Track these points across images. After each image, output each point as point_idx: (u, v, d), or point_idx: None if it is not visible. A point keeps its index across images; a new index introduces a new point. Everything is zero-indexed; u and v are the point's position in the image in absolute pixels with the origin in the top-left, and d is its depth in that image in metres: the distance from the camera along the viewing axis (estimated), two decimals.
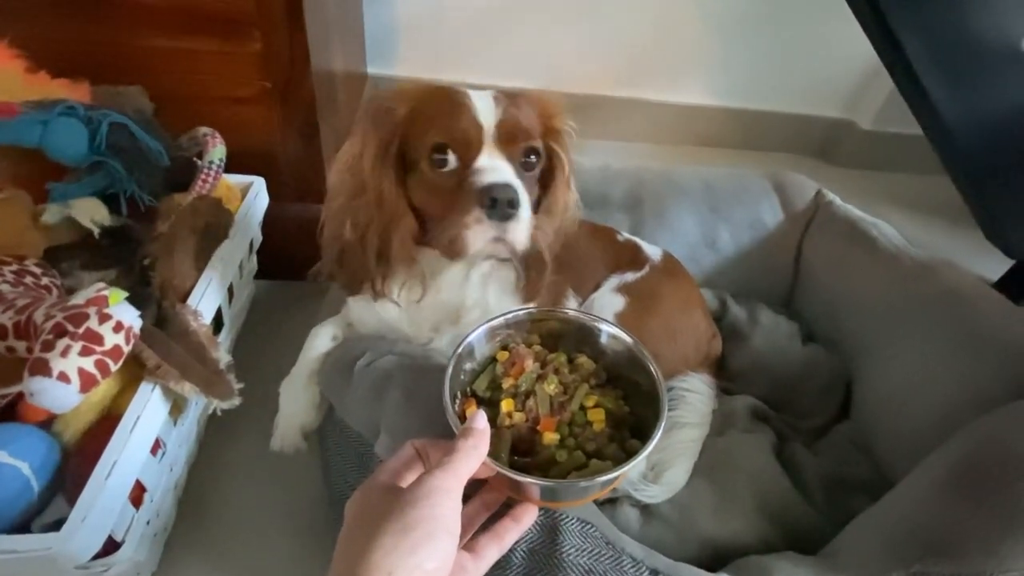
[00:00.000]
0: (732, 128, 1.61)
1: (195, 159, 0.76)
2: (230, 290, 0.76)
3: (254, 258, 0.90)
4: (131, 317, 0.49)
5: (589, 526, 0.50)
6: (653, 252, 0.86)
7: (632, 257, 0.84)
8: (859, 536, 0.59)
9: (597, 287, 0.81)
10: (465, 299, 0.62)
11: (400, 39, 1.45)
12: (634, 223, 0.98)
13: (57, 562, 0.45)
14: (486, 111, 0.53)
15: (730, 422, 0.75)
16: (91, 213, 0.62)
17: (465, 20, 1.41)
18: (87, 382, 0.44)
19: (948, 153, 0.95)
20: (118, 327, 0.47)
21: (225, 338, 0.77)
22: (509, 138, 0.53)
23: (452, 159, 0.52)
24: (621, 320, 0.76)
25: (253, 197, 0.83)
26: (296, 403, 0.64)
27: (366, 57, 1.41)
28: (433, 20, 1.41)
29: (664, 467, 0.68)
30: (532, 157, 0.55)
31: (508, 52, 1.46)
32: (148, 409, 0.52)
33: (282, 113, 0.86)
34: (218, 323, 0.73)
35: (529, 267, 0.61)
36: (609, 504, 0.65)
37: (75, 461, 0.52)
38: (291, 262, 1.00)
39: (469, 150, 0.52)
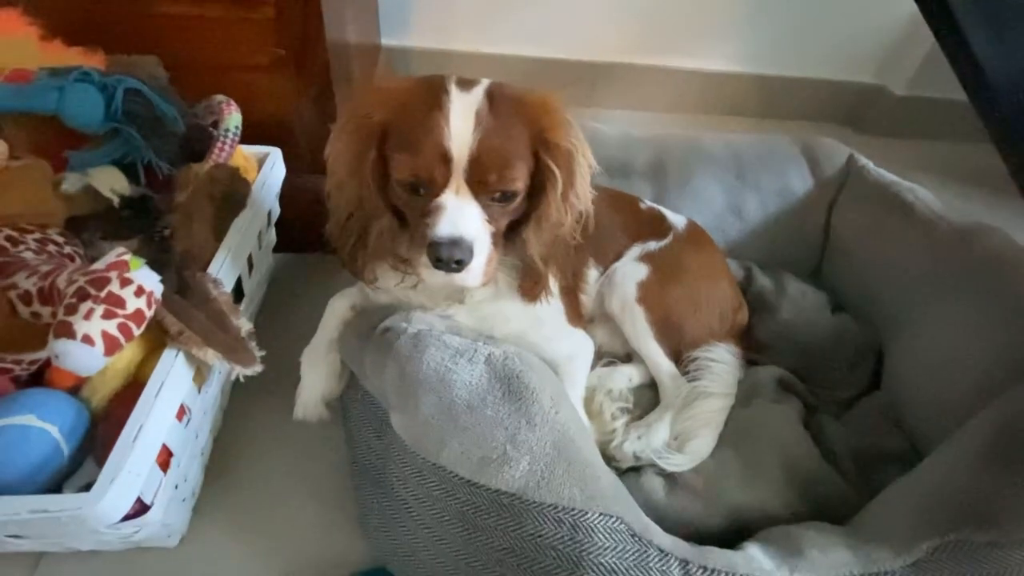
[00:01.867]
0: (758, 96, 1.56)
1: (210, 128, 0.75)
2: (249, 261, 0.76)
3: (272, 230, 0.90)
4: (152, 282, 0.48)
5: (613, 519, 0.47)
6: (677, 220, 0.84)
7: (655, 226, 0.82)
8: (890, 506, 0.57)
9: (619, 256, 0.79)
10: None
11: (413, 8, 1.41)
12: (657, 191, 0.95)
13: (88, 522, 0.45)
14: (461, 137, 0.49)
15: (756, 393, 0.74)
16: (110, 182, 0.62)
17: None
18: (111, 345, 0.44)
19: (991, 113, 0.90)
20: (139, 291, 0.47)
21: (245, 309, 0.77)
22: (479, 178, 0.50)
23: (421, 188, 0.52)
24: (644, 289, 0.75)
25: (270, 168, 0.82)
26: (317, 372, 0.64)
27: (379, 27, 1.38)
28: None
29: (688, 437, 0.67)
30: (508, 195, 0.52)
31: (524, 20, 1.42)
32: (172, 375, 0.53)
33: (297, 81, 0.85)
34: (238, 294, 0.73)
35: (525, 270, 0.59)
36: (633, 472, 0.65)
37: (103, 426, 0.53)
38: (308, 234, 1.00)
39: (434, 186, 0.50)
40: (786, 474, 0.63)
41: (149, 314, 0.48)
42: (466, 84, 0.52)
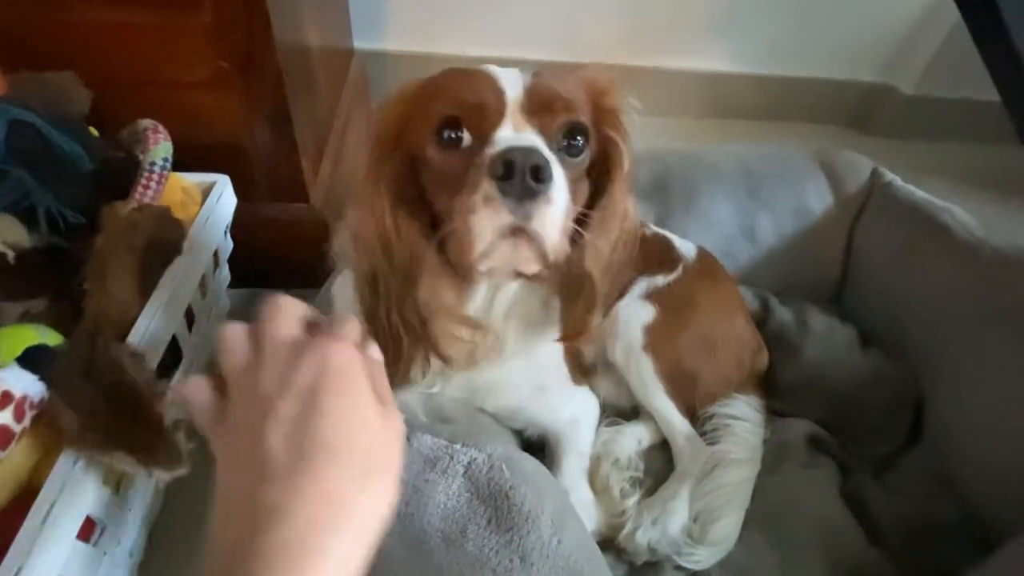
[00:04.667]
0: (757, 97, 1.46)
1: (140, 156, 0.63)
2: (189, 315, 0.64)
3: (224, 269, 0.78)
4: (24, 384, 0.37)
5: None
6: (686, 249, 0.74)
7: (663, 256, 0.72)
8: None
9: (623, 293, 0.69)
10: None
11: (389, 6, 1.30)
12: (660, 212, 0.85)
13: None
14: (510, 78, 0.42)
15: (784, 454, 0.64)
16: (2, 234, 0.50)
17: None
18: None
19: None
20: (5, 399, 0.36)
21: (185, 372, 0.65)
22: (542, 107, 0.41)
23: (466, 136, 0.41)
24: (651, 334, 0.65)
25: (216, 199, 0.71)
26: None
27: (351, 29, 1.26)
28: None
29: (711, 518, 0.57)
30: (577, 139, 0.42)
31: (510, 18, 1.31)
32: (69, 488, 0.41)
33: (245, 97, 0.73)
34: (175, 356, 0.62)
35: (572, 296, 0.47)
36: (650, 568, 0.54)
37: None
38: (269, 268, 0.89)
39: (486, 121, 0.40)
40: (830, 561, 0.54)
41: (19, 428, 0.37)
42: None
